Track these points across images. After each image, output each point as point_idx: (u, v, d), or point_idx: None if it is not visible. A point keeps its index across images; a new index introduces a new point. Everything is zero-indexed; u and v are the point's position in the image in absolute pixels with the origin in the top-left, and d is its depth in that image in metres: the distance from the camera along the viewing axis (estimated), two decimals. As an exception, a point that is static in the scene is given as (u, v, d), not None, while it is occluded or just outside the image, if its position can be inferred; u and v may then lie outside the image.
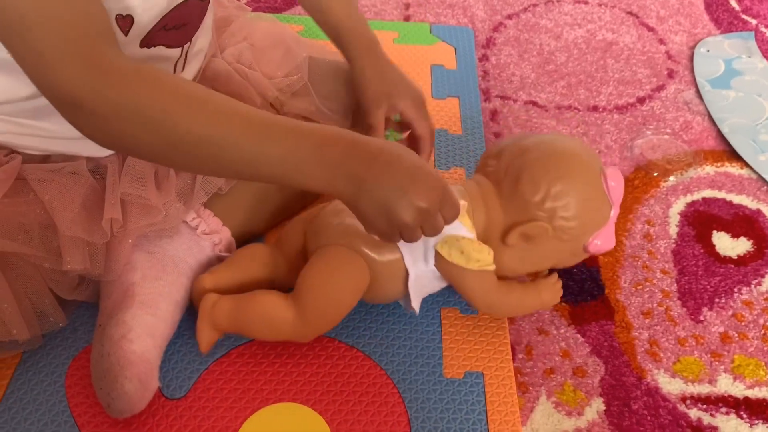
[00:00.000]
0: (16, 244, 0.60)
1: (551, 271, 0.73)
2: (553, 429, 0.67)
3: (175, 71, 0.67)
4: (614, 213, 0.68)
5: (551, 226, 0.65)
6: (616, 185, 0.67)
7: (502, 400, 0.67)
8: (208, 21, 0.69)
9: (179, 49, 0.66)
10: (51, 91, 0.50)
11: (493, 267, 0.65)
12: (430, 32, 1.12)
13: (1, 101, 0.60)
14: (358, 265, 0.64)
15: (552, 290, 0.71)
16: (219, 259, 0.73)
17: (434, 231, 0.58)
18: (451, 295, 0.75)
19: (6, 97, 0.59)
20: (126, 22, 0.58)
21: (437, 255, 0.65)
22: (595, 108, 1.04)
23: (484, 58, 1.10)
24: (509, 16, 1.20)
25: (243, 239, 0.77)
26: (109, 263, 0.65)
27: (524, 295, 0.70)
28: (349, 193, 0.55)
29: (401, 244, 0.64)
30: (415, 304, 0.68)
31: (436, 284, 0.69)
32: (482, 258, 0.64)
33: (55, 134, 0.63)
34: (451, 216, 0.58)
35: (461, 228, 0.65)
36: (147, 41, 0.61)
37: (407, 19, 1.16)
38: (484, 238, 0.66)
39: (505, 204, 0.66)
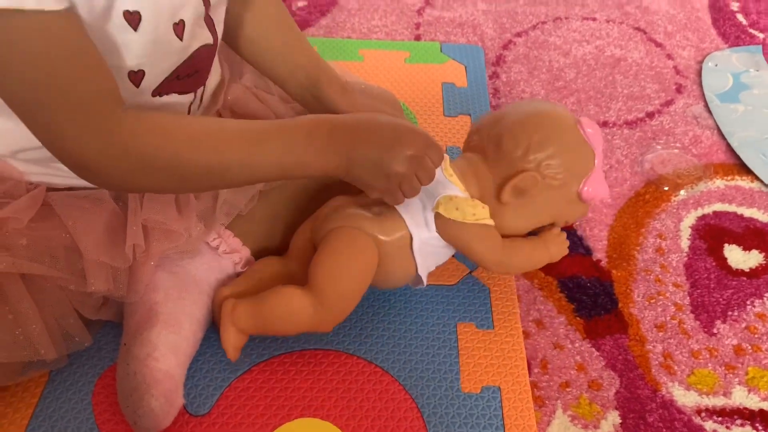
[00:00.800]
0: (44, 267, 0.62)
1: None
2: (570, 442, 0.68)
3: (189, 112, 0.69)
4: (599, 160, 0.72)
5: (539, 174, 0.69)
6: (593, 131, 0.72)
7: (519, 414, 0.68)
8: (215, 60, 0.71)
9: (192, 93, 0.68)
10: (61, 156, 0.54)
11: (491, 221, 0.69)
12: (441, 51, 1.14)
13: (24, 148, 0.62)
14: (365, 242, 0.67)
15: (558, 242, 0.74)
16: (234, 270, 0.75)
17: (428, 175, 0.63)
18: (467, 310, 0.76)
19: (25, 144, 0.61)
20: (138, 76, 0.60)
21: (436, 216, 0.68)
22: (605, 123, 1.05)
23: (495, 75, 1.12)
24: (518, 34, 1.21)
25: (261, 256, 0.79)
26: (132, 284, 0.67)
27: (532, 250, 0.73)
28: (344, 166, 0.61)
29: (403, 211, 0.68)
30: (422, 272, 0.71)
31: (442, 253, 0.72)
32: (477, 212, 0.68)
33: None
34: (438, 157, 0.63)
35: (453, 187, 0.69)
36: (160, 90, 0.62)
37: (418, 38, 1.18)
38: (479, 200, 0.70)
39: (492, 167, 0.70)
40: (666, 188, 0.95)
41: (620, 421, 0.70)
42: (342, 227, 0.68)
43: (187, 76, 0.64)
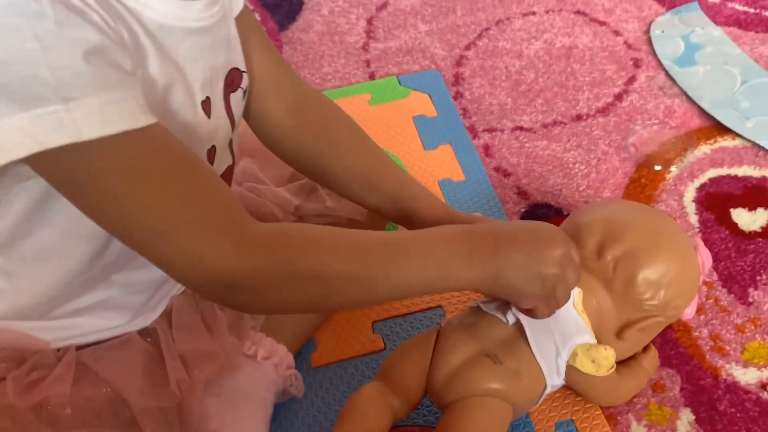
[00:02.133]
0: (94, 431, 0.59)
1: None
2: (655, 453, 0.68)
3: None
4: (702, 279, 0.71)
5: (664, 316, 0.67)
6: (706, 257, 0.70)
7: (599, 441, 0.68)
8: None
9: None
10: (204, 281, 0.48)
11: (615, 368, 0.66)
12: (399, 84, 1.13)
13: (56, 299, 0.59)
14: (503, 412, 0.63)
15: (653, 361, 0.72)
16: (282, 380, 0.72)
17: (576, 274, 0.59)
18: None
19: (53, 291, 0.58)
20: None
21: (569, 368, 0.65)
22: (579, 117, 1.06)
23: (459, 95, 1.12)
24: (467, 47, 1.21)
25: (298, 348, 0.77)
26: (184, 419, 0.64)
27: (635, 377, 0.70)
28: (491, 274, 0.56)
29: (539, 356, 0.64)
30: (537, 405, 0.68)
31: (558, 388, 0.69)
32: (610, 363, 0.64)
33: (103, 327, 0.62)
34: (577, 254, 0.59)
35: (585, 330, 0.65)
36: None
37: (372, 76, 1.17)
38: (597, 332, 0.66)
39: (617, 301, 0.66)
40: (658, 167, 0.96)
41: (694, 417, 0.70)
42: (478, 399, 0.62)
43: None
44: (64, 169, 0.44)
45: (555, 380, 0.65)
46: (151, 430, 0.61)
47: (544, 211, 0.92)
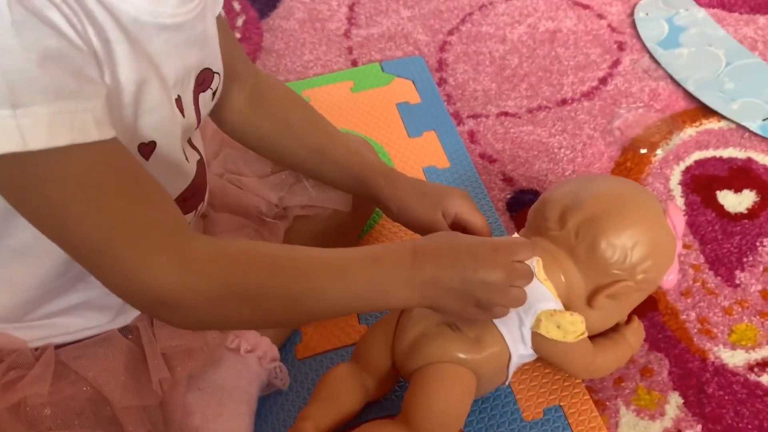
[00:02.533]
0: (75, 431, 0.58)
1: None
2: (644, 438, 0.68)
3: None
4: (679, 246, 0.69)
5: (634, 281, 0.65)
6: (678, 220, 0.68)
7: (588, 427, 0.67)
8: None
9: (193, 212, 0.64)
10: (136, 297, 0.48)
11: (586, 333, 0.65)
12: (383, 71, 1.12)
13: (34, 301, 0.58)
14: (468, 381, 0.63)
15: (637, 333, 0.71)
16: (267, 373, 0.71)
17: (518, 300, 0.58)
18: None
19: (33, 294, 0.57)
20: None
21: (534, 335, 0.64)
22: (564, 102, 1.05)
23: (443, 81, 1.11)
24: (450, 32, 1.20)
25: (282, 340, 0.75)
26: (167, 415, 0.63)
27: (617, 350, 0.69)
28: (431, 298, 0.56)
29: (501, 327, 0.64)
30: (510, 379, 0.68)
31: (529, 360, 0.69)
32: (578, 328, 0.63)
33: (83, 326, 0.61)
34: (526, 279, 0.58)
35: (549, 298, 0.64)
36: None
37: (355, 63, 1.16)
38: (566, 302, 0.65)
39: (583, 268, 0.65)
40: (643, 150, 0.96)
41: (683, 400, 0.70)
42: (440, 365, 0.63)
43: (192, 196, 0.61)
44: (7, 176, 0.42)
45: (521, 349, 0.65)
46: (133, 429, 0.60)
47: (530, 197, 0.91)
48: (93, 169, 0.44)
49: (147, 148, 0.53)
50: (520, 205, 0.91)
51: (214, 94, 0.63)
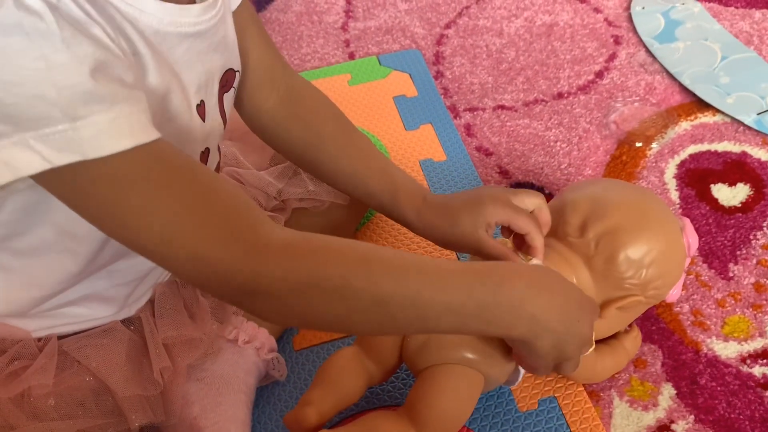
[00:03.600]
0: (78, 422, 0.59)
1: None
2: (637, 428, 0.68)
3: None
4: (687, 261, 0.69)
5: (644, 296, 0.66)
6: (693, 239, 0.69)
7: (582, 417, 0.68)
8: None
9: None
10: (219, 287, 0.47)
11: (594, 343, 0.65)
12: (380, 64, 1.12)
13: (44, 296, 0.58)
14: (474, 380, 0.63)
15: (635, 342, 0.72)
16: (264, 363, 0.72)
17: (576, 366, 0.59)
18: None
19: (45, 290, 0.58)
20: None
21: None
22: (560, 95, 1.05)
23: (439, 74, 1.11)
24: (447, 26, 1.20)
25: (280, 332, 0.76)
26: (168, 406, 0.64)
27: (615, 356, 0.70)
28: (530, 334, 0.53)
29: None
30: (517, 383, 0.68)
31: None
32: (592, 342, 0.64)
33: (88, 317, 0.61)
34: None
35: None
36: None
37: (352, 56, 1.16)
38: None
39: (597, 279, 0.66)
40: (639, 144, 0.96)
41: (675, 392, 0.71)
42: (450, 366, 0.62)
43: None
44: (71, 184, 0.43)
45: None
46: (135, 418, 0.60)
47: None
48: (152, 166, 0.44)
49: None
50: (516, 198, 0.91)
51: (235, 90, 0.63)
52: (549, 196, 0.91)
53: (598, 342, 0.68)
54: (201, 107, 0.56)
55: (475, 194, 0.67)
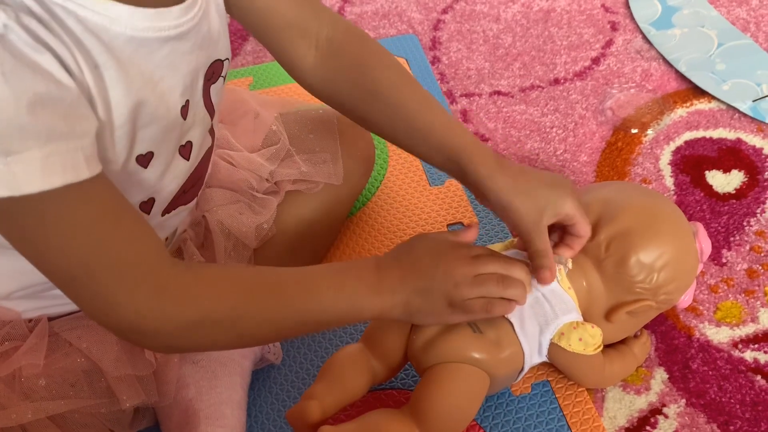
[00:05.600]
0: (69, 402, 0.59)
1: None
2: (629, 411, 0.69)
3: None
4: (699, 268, 0.69)
5: (655, 301, 0.65)
6: (706, 244, 0.68)
7: (574, 401, 0.69)
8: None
9: (194, 200, 0.66)
10: (111, 324, 0.50)
11: (602, 347, 0.65)
12: (376, 49, 1.12)
13: (22, 287, 0.59)
14: (479, 380, 0.62)
15: (644, 348, 0.71)
16: (260, 347, 0.72)
17: (490, 289, 0.58)
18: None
19: (23, 282, 0.58)
20: (148, 205, 0.57)
21: (553, 346, 0.64)
22: (556, 81, 1.05)
23: (436, 60, 1.11)
24: (444, 11, 1.20)
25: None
26: (161, 387, 0.64)
27: (623, 361, 0.69)
28: (402, 305, 0.57)
29: (521, 334, 0.63)
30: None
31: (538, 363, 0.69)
32: (597, 341, 0.64)
33: None
34: (496, 267, 0.59)
35: (572, 308, 0.64)
36: (167, 209, 0.61)
37: (348, 41, 1.15)
38: (585, 312, 0.65)
39: (607, 282, 0.65)
40: (634, 130, 0.96)
41: (667, 376, 0.71)
42: (456, 365, 0.62)
43: (192, 186, 0.62)
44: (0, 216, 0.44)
45: (535, 359, 0.65)
46: (127, 398, 0.61)
47: (522, 176, 0.92)
48: (78, 206, 0.45)
49: (145, 159, 0.53)
50: (512, 183, 0.91)
51: (224, 78, 0.62)
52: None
53: (607, 347, 0.68)
54: (185, 107, 0.55)
55: (558, 177, 0.64)
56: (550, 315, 0.64)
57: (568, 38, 1.12)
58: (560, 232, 0.65)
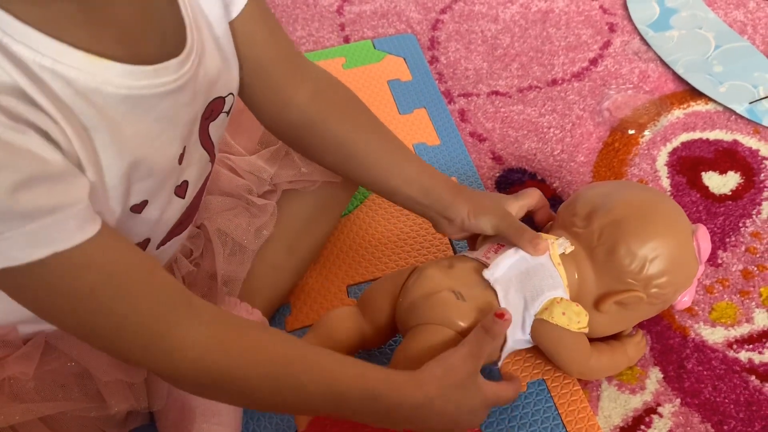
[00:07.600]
0: (59, 404, 0.59)
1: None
2: (624, 411, 0.69)
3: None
4: (700, 270, 0.69)
5: (646, 293, 0.65)
6: (705, 245, 0.68)
7: (570, 399, 0.69)
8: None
9: (189, 226, 0.65)
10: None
11: (587, 330, 0.65)
12: (374, 48, 1.12)
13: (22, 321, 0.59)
14: (454, 344, 0.62)
15: (638, 347, 0.71)
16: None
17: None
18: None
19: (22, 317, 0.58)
20: (143, 245, 0.57)
21: (537, 321, 0.64)
22: (554, 82, 1.05)
23: (434, 59, 1.11)
24: (443, 11, 1.20)
25: (273, 311, 0.76)
26: (153, 392, 0.64)
27: (613, 356, 0.69)
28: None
29: (505, 306, 0.64)
30: (500, 363, 0.68)
31: (523, 348, 0.69)
32: (582, 320, 0.64)
33: None
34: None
35: (559, 285, 0.65)
36: (162, 242, 0.61)
37: (347, 40, 1.15)
38: (575, 299, 0.66)
39: (598, 270, 0.66)
40: (631, 131, 0.97)
41: (662, 375, 0.72)
42: (435, 327, 0.63)
43: (188, 217, 0.62)
44: None
45: (518, 334, 0.66)
46: (115, 402, 0.60)
47: (519, 176, 0.92)
48: (70, 275, 0.44)
49: (139, 206, 0.53)
50: (509, 183, 0.92)
51: (228, 113, 0.61)
52: (541, 182, 0.91)
53: (599, 340, 0.68)
54: (182, 154, 0.54)
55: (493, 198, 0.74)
56: (537, 289, 0.64)
57: (566, 39, 1.12)
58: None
